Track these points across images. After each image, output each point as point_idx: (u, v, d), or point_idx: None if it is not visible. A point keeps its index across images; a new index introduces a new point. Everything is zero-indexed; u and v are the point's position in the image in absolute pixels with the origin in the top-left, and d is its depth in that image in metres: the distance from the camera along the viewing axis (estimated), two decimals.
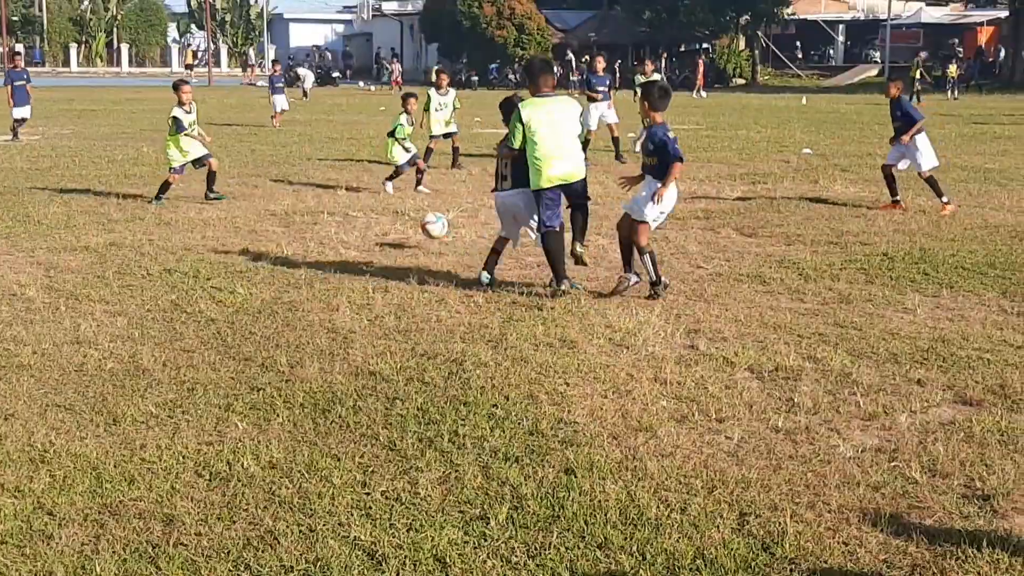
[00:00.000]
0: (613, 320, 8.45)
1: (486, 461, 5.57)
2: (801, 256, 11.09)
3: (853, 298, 9.26)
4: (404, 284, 9.74)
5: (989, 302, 9.11)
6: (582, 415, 6.27)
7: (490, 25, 65.80)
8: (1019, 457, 5.62)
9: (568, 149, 9.34)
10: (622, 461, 5.57)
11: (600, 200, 15.29)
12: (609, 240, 11.57)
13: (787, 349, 7.64)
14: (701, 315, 8.69)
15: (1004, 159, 20.83)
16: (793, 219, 13.50)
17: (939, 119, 32.56)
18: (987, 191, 16.05)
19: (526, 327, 8.20)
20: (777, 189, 16.57)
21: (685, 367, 7.26)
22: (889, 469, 5.49)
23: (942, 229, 12.56)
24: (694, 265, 10.77)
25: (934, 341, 7.86)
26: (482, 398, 6.53)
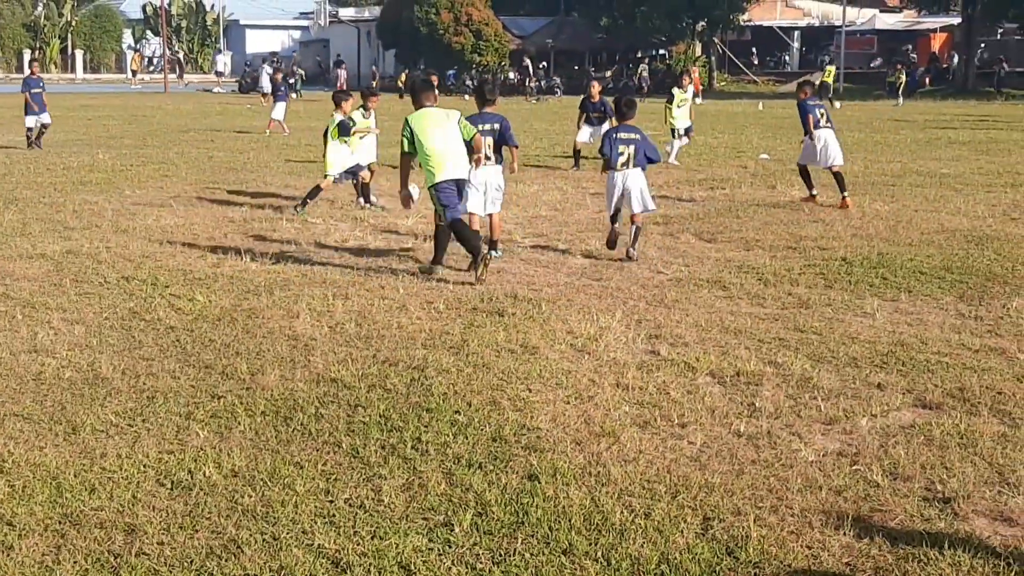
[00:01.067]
0: (574, 326, 8.45)
1: (449, 468, 5.55)
2: (760, 261, 11.15)
3: (812, 303, 9.32)
4: (365, 291, 9.71)
5: (947, 306, 9.19)
6: (545, 421, 6.27)
7: (447, 31, 65.71)
8: (978, 460, 5.68)
9: (454, 152, 10.41)
10: (585, 467, 5.57)
11: (559, 207, 15.32)
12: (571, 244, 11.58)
13: (748, 354, 7.68)
14: (662, 320, 8.71)
15: (959, 164, 21.05)
16: (752, 224, 13.57)
17: (893, 124, 32.90)
18: (943, 196, 16.20)
19: (487, 333, 8.19)
20: (735, 194, 16.67)
21: (647, 372, 7.28)
22: (851, 473, 5.52)
23: (899, 234, 12.67)
24: (654, 271, 10.80)
25: (893, 345, 7.92)
26: (444, 404, 6.52)
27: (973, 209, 14.72)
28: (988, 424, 6.22)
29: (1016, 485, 5.34)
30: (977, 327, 8.46)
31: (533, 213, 14.72)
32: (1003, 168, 20.21)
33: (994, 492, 5.27)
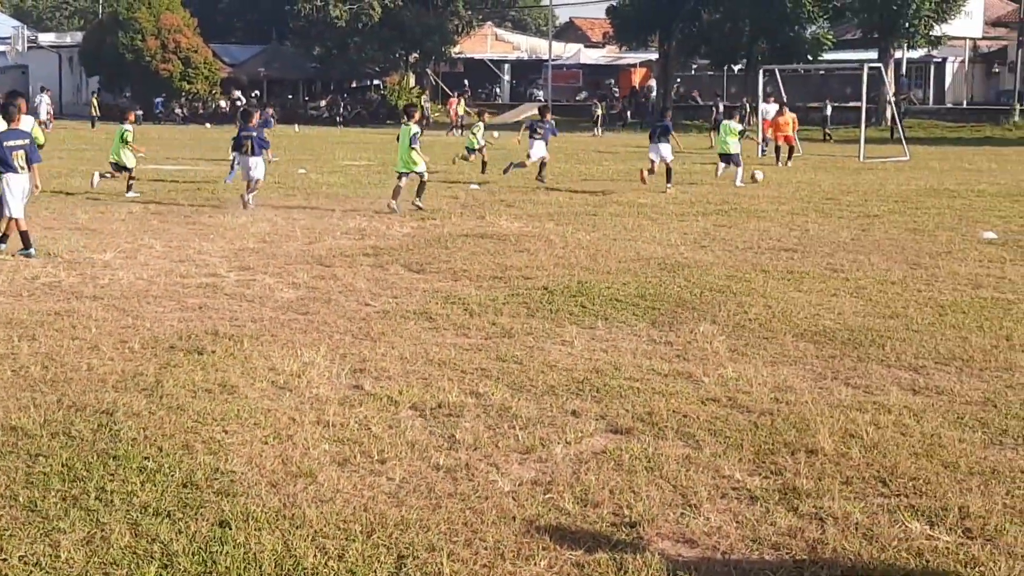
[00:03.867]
0: (277, 362, 8.30)
1: (135, 518, 5.30)
2: (467, 292, 11.30)
3: (515, 332, 9.50)
4: (54, 331, 9.24)
5: (640, 332, 9.55)
6: (240, 463, 6.10)
7: (155, 58, 63.86)
8: (664, 483, 5.89)
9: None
10: (280, 510, 5.45)
11: (267, 239, 15.07)
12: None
13: (451, 385, 7.73)
14: (367, 354, 8.67)
15: (655, 195, 22.00)
16: (460, 255, 13.75)
17: (597, 155, 34.11)
18: (640, 225, 16.89)
19: (184, 373, 7.93)
20: (446, 225, 16.86)
21: (349, 408, 7.21)
22: (544, 502, 5.62)
23: (599, 262, 13.11)
24: (362, 303, 10.76)
25: (589, 372, 8.15)
26: (133, 450, 6.24)
27: (667, 238, 15.41)
28: (674, 447, 6.47)
29: (697, 507, 5.57)
30: (667, 352, 8.83)
31: (240, 245, 14.43)
32: (695, 198, 21.29)
33: (677, 514, 5.48)
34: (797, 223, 17.17)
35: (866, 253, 13.94)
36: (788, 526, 5.33)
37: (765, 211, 18.86)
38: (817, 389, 7.75)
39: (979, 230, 16.07)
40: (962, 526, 5.31)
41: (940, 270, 12.62)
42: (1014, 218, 17.73)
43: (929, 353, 8.72)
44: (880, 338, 9.21)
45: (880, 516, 5.43)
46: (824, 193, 22.48)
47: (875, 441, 6.52)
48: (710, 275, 12.24)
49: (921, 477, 5.94)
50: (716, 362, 8.47)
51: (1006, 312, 10.27)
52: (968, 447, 6.43)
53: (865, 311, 10.36)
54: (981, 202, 20.46)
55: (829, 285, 11.70)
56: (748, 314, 10.17)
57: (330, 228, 16.38)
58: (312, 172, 26.55)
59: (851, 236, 15.62)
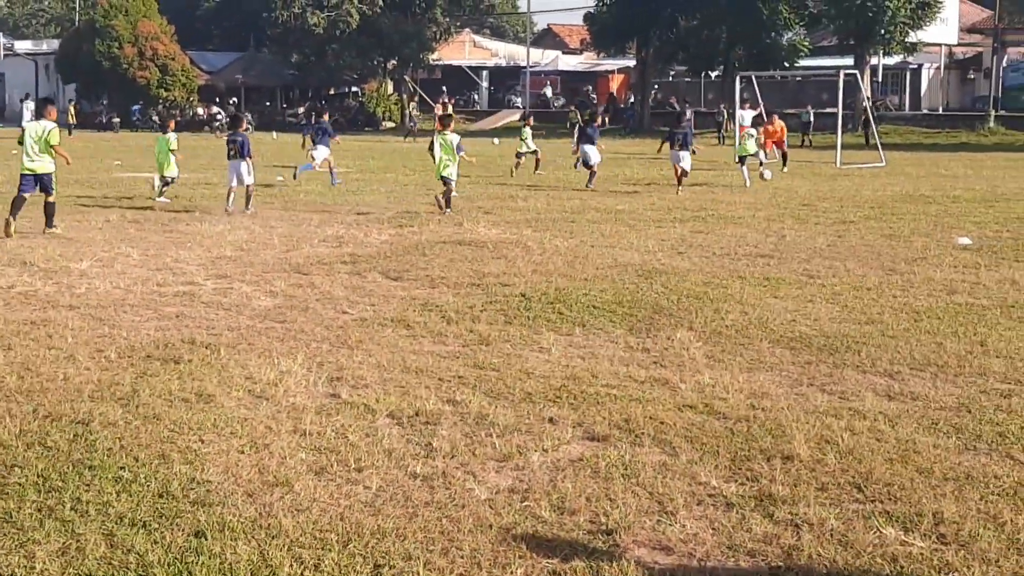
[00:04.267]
0: (254, 371, 8.29)
1: (111, 528, 5.29)
2: (444, 299, 11.30)
3: (492, 339, 9.51)
4: (30, 340, 9.21)
5: (617, 339, 9.57)
6: (216, 473, 6.09)
7: (131, 66, 63.66)
8: (640, 490, 5.91)
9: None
10: (256, 519, 5.44)
11: (244, 247, 15.05)
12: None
13: (428, 393, 7.74)
14: (344, 362, 8.66)
15: (633, 200, 22.09)
16: (438, 262, 13.75)
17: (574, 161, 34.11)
18: (618, 231, 16.93)
19: (160, 382, 7.91)
20: (423, 232, 16.86)
21: (326, 416, 7.21)
22: (521, 509, 5.63)
23: (576, 269, 13.13)
24: (339, 311, 10.75)
25: (566, 379, 8.17)
26: (109, 461, 6.22)
27: (644, 244, 15.44)
28: (650, 454, 6.49)
29: (673, 513, 5.59)
30: (644, 359, 8.85)
31: (217, 253, 14.40)
32: (672, 204, 21.35)
33: (653, 522, 5.49)
34: (774, 229, 17.24)
35: (842, 259, 14.01)
36: (764, 533, 5.36)
37: (742, 217, 18.93)
38: (793, 395, 7.78)
39: (954, 236, 16.16)
40: (936, 532, 5.35)
41: (915, 276, 12.70)
42: (989, 224, 17.85)
43: (904, 359, 8.77)
44: (856, 344, 9.26)
45: (855, 522, 5.46)
46: (800, 199, 22.58)
47: (850, 447, 6.55)
48: (687, 281, 12.27)
49: (896, 483, 5.97)
50: (693, 369, 8.50)
51: (980, 318, 10.33)
52: (942, 453, 6.47)
53: (841, 317, 10.41)
54: (956, 208, 20.58)
55: (805, 291, 11.75)
56: (725, 320, 10.21)
57: (308, 236, 16.36)
58: (289, 180, 26.49)
59: (827, 242, 15.69)
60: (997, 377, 8.22)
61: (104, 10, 65.53)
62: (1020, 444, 6.63)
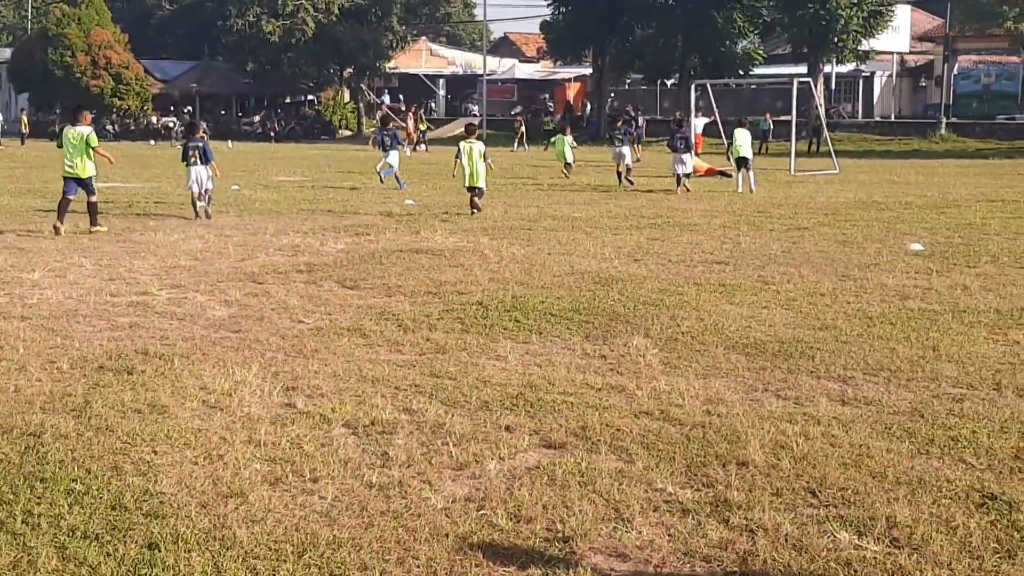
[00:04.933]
0: (208, 381, 8.23)
1: (63, 541, 5.23)
2: (401, 307, 11.27)
3: (449, 347, 9.49)
4: None
5: (574, 346, 9.59)
6: (170, 484, 6.03)
7: (85, 75, 63.14)
8: (596, 497, 5.91)
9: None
10: (210, 530, 5.40)
11: (199, 256, 14.94)
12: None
13: (384, 402, 7.71)
14: (300, 371, 8.62)
15: (589, 208, 22.14)
16: (394, 270, 13.71)
17: (532, 170, 34.22)
18: (574, 239, 16.96)
19: (113, 393, 7.83)
20: (380, 240, 16.82)
21: (281, 426, 7.16)
22: (477, 518, 5.62)
23: (533, 277, 13.14)
24: (295, 320, 10.69)
25: (523, 387, 8.16)
26: (61, 473, 6.15)
27: (601, 251, 15.48)
28: (607, 461, 6.50)
29: (630, 520, 5.59)
30: (600, 366, 8.87)
31: (171, 263, 14.30)
32: (629, 212, 21.43)
33: (610, 528, 5.50)
34: (729, 236, 17.34)
35: (796, 265, 14.11)
36: (720, 538, 5.38)
37: (698, 224, 19.03)
38: (748, 401, 7.82)
39: (906, 242, 16.32)
40: (890, 535, 5.39)
41: (868, 282, 12.80)
42: (941, 230, 18.03)
43: (858, 364, 8.84)
44: (810, 349, 9.32)
45: (809, 527, 5.49)
46: (755, 206, 22.73)
47: (805, 452, 6.59)
48: (643, 289, 12.31)
49: (850, 487, 6.01)
50: (649, 375, 8.52)
51: (932, 323, 10.43)
52: (896, 457, 6.52)
53: (795, 323, 10.48)
54: (908, 214, 20.78)
55: (760, 297, 11.82)
56: (681, 327, 10.25)
57: (263, 245, 16.28)
58: (245, 188, 26.36)
59: (782, 249, 15.80)
60: (949, 382, 8.30)
61: (57, 19, 65.04)
62: (972, 448, 6.70)
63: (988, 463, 6.43)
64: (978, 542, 5.29)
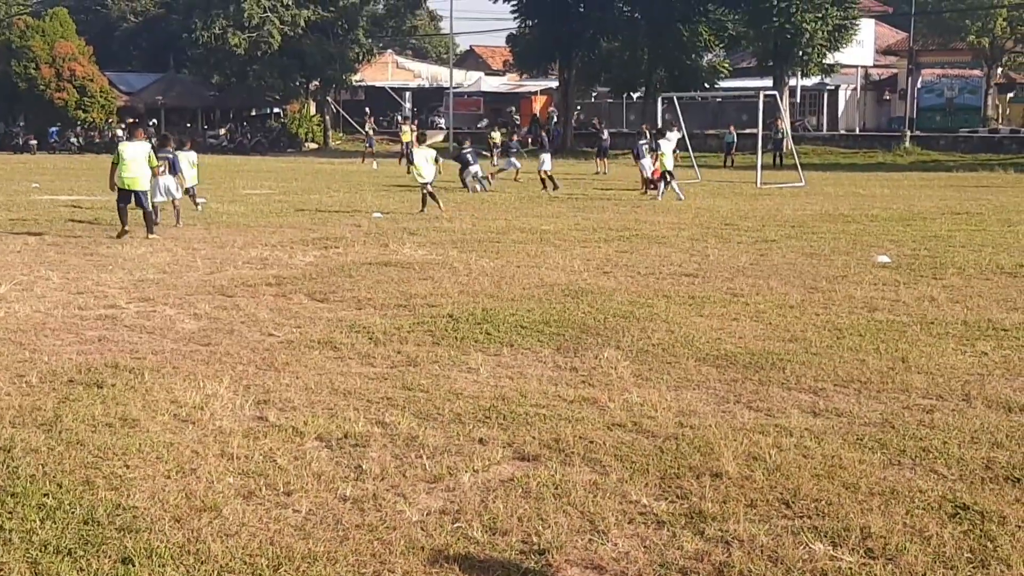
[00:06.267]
0: (179, 395, 8.18)
1: (35, 556, 5.18)
2: (371, 320, 11.24)
3: (421, 360, 9.47)
4: None
5: (545, 358, 9.59)
6: (142, 499, 5.99)
7: (49, 87, 62.71)
8: (571, 509, 5.91)
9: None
10: (184, 545, 5.36)
11: (167, 269, 14.85)
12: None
13: (356, 415, 7.69)
14: (271, 384, 8.58)
15: (558, 221, 22.18)
16: (364, 283, 13.68)
17: (500, 183, 34.22)
18: (543, 251, 16.98)
19: (83, 407, 7.77)
20: (349, 253, 16.78)
21: (253, 440, 7.13)
22: (452, 531, 5.61)
23: (503, 289, 13.14)
24: (265, 333, 10.65)
25: (495, 399, 8.16)
26: (32, 487, 6.10)
27: (570, 264, 15.51)
28: (581, 473, 6.51)
29: (605, 532, 5.60)
30: (572, 378, 8.88)
31: (140, 276, 14.22)
32: (597, 224, 21.48)
33: (585, 540, 5.50)
34: (697, 248, 17.41)
35: (765, 277, 14.18)
36: (695, 550, 5.39)
37: (666, 237, 19.10)
38: (720, 413, 7.85)
39: (873, 254, 16.44)
40: (864, 546, 5.42)
41: (837, 294, 12.88)
42: (907, 242, 18.18)
43: (828, 376, 8.89)
44: (780, 361, 9.37)
45: (784, 538, 5.52)
46: (723, 218, 22.84)
47: (778, 463, 6.62)
48: (613, 301, 12.34)
49: (823, 499, 6.05)
50: (621, 387, 8.54)
51: (901, 334, 10.51)
52: (868, 468, 6.56)
53: (765, 335, 10.54)
54: (875, 226, 20.94)
55: (730, 310, 11.87)
56: (651, 339, 10.28)
57: (231, 258, 16.21)
58: (212, 201, 26.24)
59: (750, 261, 15.88)
60: (919, 393, 8.36)
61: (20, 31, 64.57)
62: (943, 459, 6.75)
63: (959, 473, 6.48)
64: (952, 552, 5.33)
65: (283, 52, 65.83)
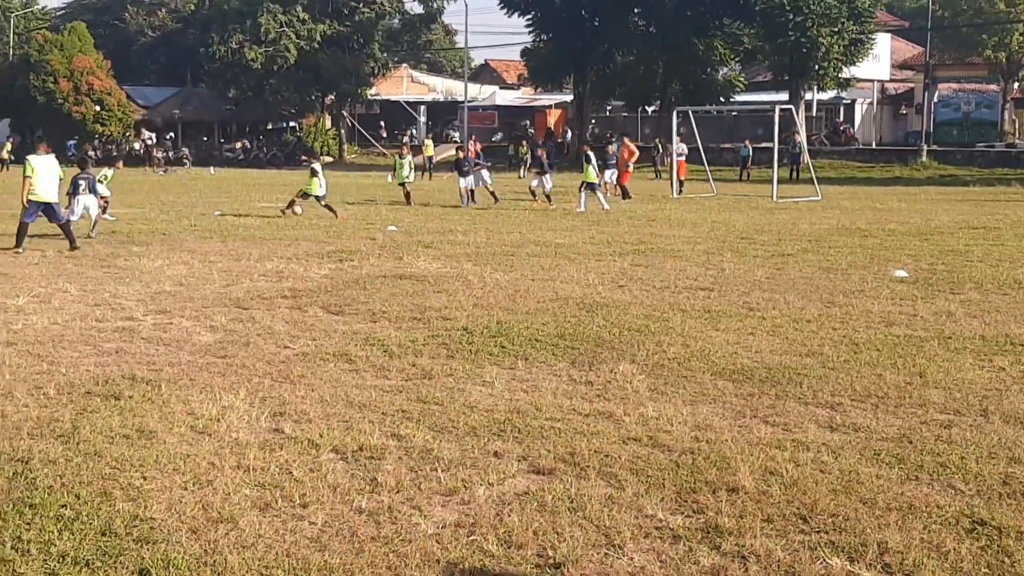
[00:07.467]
0: (196, 407, 8.20)
1: (53, 567, 5.20)
2: (386, 333, 11.25)
3: (435, 373, 9.48)
4: None
5: (560, 372, 9.59)
6: (160, 510, 6.01)
7: (67, 101, 63.06)
8: (587, 523, 5.91)
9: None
10: (201, 556, 5.38)
11: (184, 281, 14.91)
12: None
13: (371, 427, 7.70)
14: (287, 397, 8.60)
15: (572, 234, 22.18)
16: (379, 296, 13.70)
17: (515, 196, 34.25)
18: (558, 265, 16.98)
19: (101, 419, 7.80)
20: (364, 266, 16.81)
21: (269, 452, 7.14)
22: (467, 543, 5.61)
23: (518, 303, 13.14)
24: (281, 345, 10.67)
25: (510, 412, 8.16)
26: (50, 498, 6.12)
27: (585, 277, 15.50)
28: (596, 487, 6.50)
29: (621, 546, 5.59)
30: (587, 392, 8.87)
31: (156, 289, 14.26)
32: (612, 238, 21.46)
33: (601, 555, 5.50)
34: (713, 262, 17.38)
35: (781, 292, 14.15)
36: (711, 565, 5.38)
37: (681, 251, 19.08)
38: (736, 427, 7.83)
39: (891, 268, 16.39)
40: (881, 561, 5.40)
41: (854, 308, 12.85)
42: (924, 256, 18.13)
43: (845, 390, 8.87)
44: (797, 376, 9.35)
45: (801, 553, 5.50)
46: (739, 232, 22.81)
47: (794, 478, 6.60)
48: (628, 315, 12.33)
49: (840, 514, 6.03)
50: (636, 401, 8.53)
51: (919, 349, 10.47)
52: (885, 483, 6.54)
53: (782, 349, 10.51)
54: (892, 241, 20.89)
55: (746, 324, 11.85)
56: (667, 353, 10.26)
57: (247, 270, 16.26)
58: (228, 214, 26.32)
59: (766, 275, 15.85)
60: (937, 408, 8.33)
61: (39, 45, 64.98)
62: (961, 474, 6.72)
63: (977, 489, 6.46)
64: (969, 567, 5.31)
65: (299, 66, 66.12)
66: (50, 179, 18.77)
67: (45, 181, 18.65)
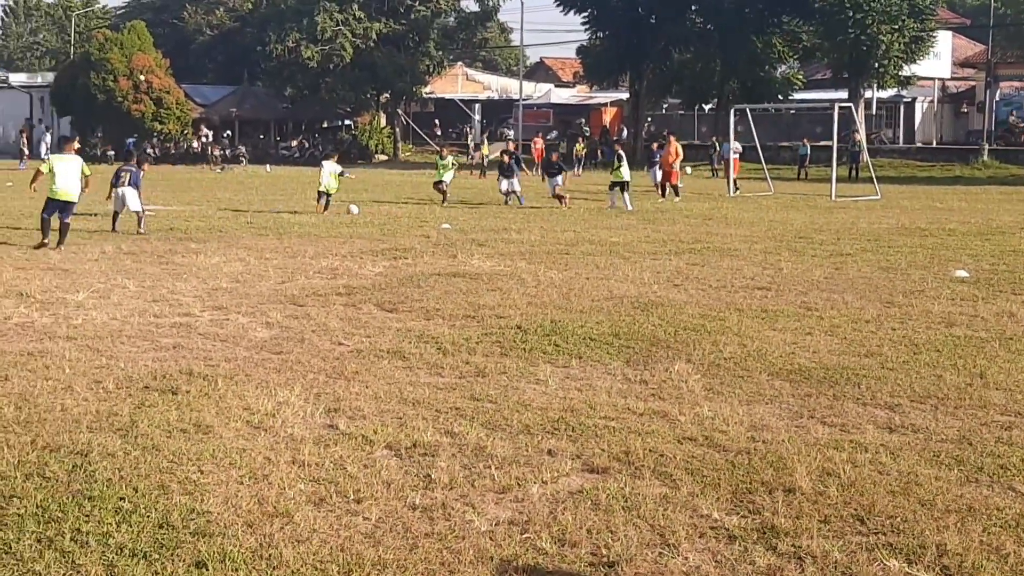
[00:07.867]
0: (252, 402, 8.26)
1: (111, 559, 5.26)
2: (440, 330, 11.27)
3: (489, 371, 9.48)
4: (27, 371, 9.18)
5: (614, 371, 9.55)
6: (216, 504, 6.06)
7: (126, 99, 63.74)
8: (641, 523, 5.88)
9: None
10: (256, 550, 5.41)
11: (240, 278, 15.02)
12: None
13: (425, 424, 7.71)
14: (341, 393, 8.64)
15: (627, 233, 22.10)
16: (433, 294, 13.73)
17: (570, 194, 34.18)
18: (612, 264, 16.93)
19: (159, 413, 7.88)
20: (417, 264, 16.85)
21: (324, 447, 7.18)
22: (521, 541, 5.60)
23: (572, 301, 13.12)
24: (335, 342, 10.73)
25: (564, 411, 8.14)
26: (109, 491, 6.19)
27: (640, 276, 15.44)
28: (651, 486, 6.47)
29: (675, 546, 5.56)
30: (642, 391, 8.83)
31: (213, 285, 14.38)
32: (667, 237, 21.36)
33: (655, 554, 5.47)
34: (770, 262, 17.25)
35: (840, 292, 14.02)
36: (767, 565, 5.33)
37: (738, 250, 18.95)
38: (793, 428, 7.77)
39: (951, 268, 16.19)
40: (940, 564, 5.32)
41: (913, 308, 12.70)
42: (985, 256, 17.88)
43: (904, 391, 8.76)
44: (855, 376, 9.25)
45: (858, 554, 5.44)
46: (796, 232, 22.62)
47: (852, 479, 6.53)
48: (684, 314, 12.26)
49: (898, 515, 5.95)
50: (692, 401, 8.48)
51: (979, 350, 10.33)
52: (944, 485, 6.45)
53: (840, 349, 10.41)
54: (952, 241, 20.63)
55: (803, 324, 11.74)
56: (723, 353, 10.19)
57: (303, 267, 16.35)
58: (284, 212, 26.51)
59: (824, 275, 15.71)
60: (997, 409, 8.21)
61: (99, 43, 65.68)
62: (1021, 476, 6.62)
63: None
64: None
65: (355, 65, 66.35)
66: (70, 179, 18.99)
67: (64, 181, 18.89)
